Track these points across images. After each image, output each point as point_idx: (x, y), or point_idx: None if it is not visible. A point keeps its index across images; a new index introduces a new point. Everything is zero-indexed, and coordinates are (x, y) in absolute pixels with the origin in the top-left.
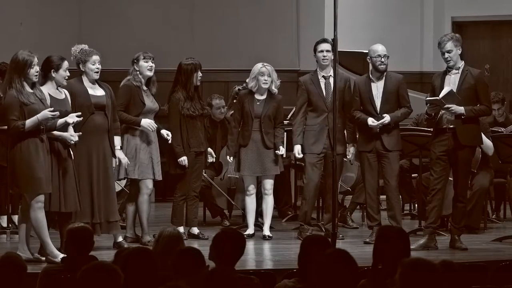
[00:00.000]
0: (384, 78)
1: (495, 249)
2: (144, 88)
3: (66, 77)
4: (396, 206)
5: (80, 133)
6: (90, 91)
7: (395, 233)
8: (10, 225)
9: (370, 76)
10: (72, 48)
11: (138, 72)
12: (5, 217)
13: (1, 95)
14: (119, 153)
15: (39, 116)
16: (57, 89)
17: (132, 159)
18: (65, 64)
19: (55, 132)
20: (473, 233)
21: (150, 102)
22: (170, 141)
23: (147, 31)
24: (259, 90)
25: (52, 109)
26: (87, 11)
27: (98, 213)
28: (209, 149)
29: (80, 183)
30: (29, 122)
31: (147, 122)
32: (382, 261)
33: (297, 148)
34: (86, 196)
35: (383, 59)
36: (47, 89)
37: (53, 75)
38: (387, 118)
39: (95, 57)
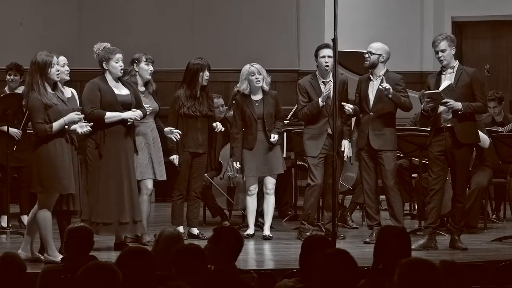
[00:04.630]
0: (381, 77)
1: (495, 249)
2: (142, 89)
3: (66, 72)
4: (395, 206)
5: (92, 123)
6: (116, 91)
7: (396, 233)
8: (10, 225)
9: (370, 74)
10: (95, 46)
11: (137, 73)
12: (5, 217)
13: (6, 91)
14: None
15: (66, 118)
16: (63, 87)
17: None
18: (61, 59)
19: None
20: (471, 232)
21: (147, 102)
22: (177, 139)
23: (147, 31)
24: (253, 90)
25: (79, 113)
26: (87, 11)
27: (127, 213)
28: (214, 124)
29: (109, 182)
30: (56, 125)
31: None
32: (383, 261)
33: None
34: (115, 195)
35: (367, 56)
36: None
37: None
38: (386, 84)
39: (119, 55)
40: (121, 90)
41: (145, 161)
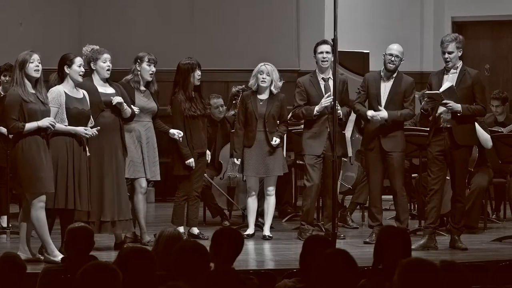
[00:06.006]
0: (394, 78)
1: (495, 249)
2: (142, 88)
3: (81, 73)
4: (399, 208)
5: (99, 127)
6: (100, 89)
7: (396, 233)
8: (10, 225)
9: (381, 73)
10: (84, 48)
11: (139, 73)
12: (5, 217)
13: (1, 93)
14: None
15: (40, 122)
16: (75, 88)
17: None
18: (78, 60)
19: (69, 127)
20: (471, 232)
21: (144, 102)
22: (180, 140)
23: (147, 31)
24: (260, 89)
25: (53, 119)
26: (87, 11)
27: (108, 211)
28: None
29: (91, 180)
30: (28, 125)
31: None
32: (383, 261)
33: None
34: (97, 194)
35: (393, 59)
36: (64, 88)
37: (67, 71)
38: (383, 112)
39: (106, 55)
40: (107, 89)
41: (138, 159)
